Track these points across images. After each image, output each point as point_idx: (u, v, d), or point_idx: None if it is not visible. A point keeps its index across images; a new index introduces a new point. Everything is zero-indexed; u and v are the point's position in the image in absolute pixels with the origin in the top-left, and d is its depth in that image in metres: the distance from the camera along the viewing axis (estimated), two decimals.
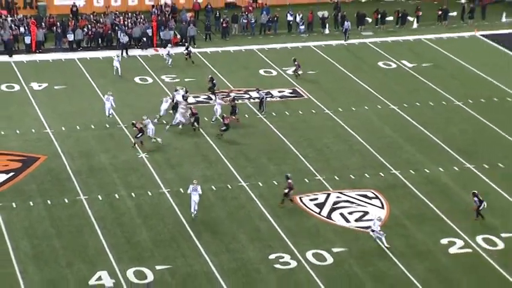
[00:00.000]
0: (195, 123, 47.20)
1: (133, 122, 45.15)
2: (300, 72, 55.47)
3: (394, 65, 58.61)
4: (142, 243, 36.97)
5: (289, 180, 40.04)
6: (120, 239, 37.27)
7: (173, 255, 36.11)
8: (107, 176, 42.59)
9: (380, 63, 58.90)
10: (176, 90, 49.74)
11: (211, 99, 51.06)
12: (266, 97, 50.74)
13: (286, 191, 39.88)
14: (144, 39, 60.17)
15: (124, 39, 58.77)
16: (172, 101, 48.63)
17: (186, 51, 57.92)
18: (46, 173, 42.61)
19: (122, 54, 57.94)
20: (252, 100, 51.54)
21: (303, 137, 47.31)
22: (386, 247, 36.74)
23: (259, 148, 45.89)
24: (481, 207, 38.84)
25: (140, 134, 44.68)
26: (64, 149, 45.16)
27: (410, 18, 65.93)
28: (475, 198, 38.93)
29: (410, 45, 62.51)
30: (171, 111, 48.17)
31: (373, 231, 37.07)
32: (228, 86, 53.66)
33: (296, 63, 55.40)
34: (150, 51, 59.97)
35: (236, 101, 49.47)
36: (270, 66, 57.77)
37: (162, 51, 58.60)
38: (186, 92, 50.02)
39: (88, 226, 38.17)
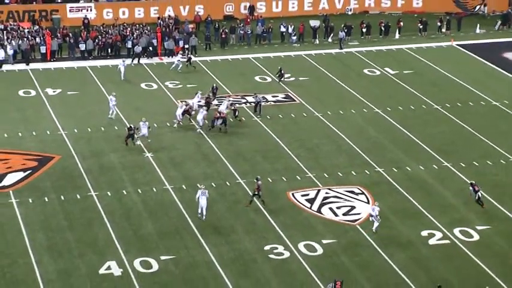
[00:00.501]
0: (224, 125, 46.96)
1: (131, 126, 45.08)
2: (290, 79, 55.28)
3: (378, 72, 58.45)
4: (148, 236, 36.78)
5: (259, 182, 39.34)
6: (127, 231, 37.08)
7: (177, 247, 35.92)
8: (116, 173, 42.37)
9: (365, 71, 58.74)
10: (196, 94, 49.81)
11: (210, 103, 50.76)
12: (262, 101, 50.55)
13: (256, 192, 39.30)
14: (150, 48, 59.97)
15: (138, 49, 58.71)
16: (186, 104, 48.41)
17: (186, 57, 57.75)
18: (60, 171, 42.39)
19: (132, 62, 57.89)
20: (248, 104, 51.33)
21: (295, 138, 47.14)
22: (373, 231, 36.79)
23: (255, 148, 45.71)
24: (476, 198, 39.05)
25: (130, 137, 44.46)
26: (76, 149, 44.93)
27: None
28: (470, 188, 39.30)
29: (393, 54, 62.36)
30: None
31: (371, 215, 37.16)
32: (227, 92, 53.45)
33: (282, 72, 55.25)
34: (155, 60, 59.76)
35: (234, 105, 49.44)
36: (265, 73, 57.59)
37: (173, 58, 58.29)
38: (209, 96, 49.97)
39: (98, 220, 37.98)
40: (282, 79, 55.26)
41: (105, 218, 38.13)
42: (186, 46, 60.40)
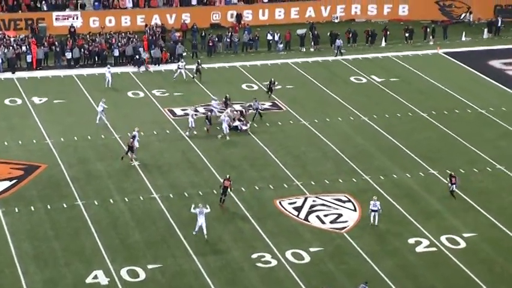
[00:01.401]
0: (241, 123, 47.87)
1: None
2: (277, 87, 55.08)
3: (364, 80, 58.56)
4: (135, 245, 36.64)
5: (225, 181, 39.77)
6: (114, 240, 36.93)
7: (164, 255, 35.80)
8: (103, 182, 42.23)
9: (352, 78, 58.83)
10: (214, 100, 50.31)
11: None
12: (259, 107, 50.42)
13: (222, 191, 39.67)
14: (137, 56, 59.85)
15: (144, 55, 58.91)
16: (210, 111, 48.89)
17: (196, 67, 57.38)
18: (46, 180, 42.21)
19: (146, 68, 58.67)
20: (235, 112, 51.16)
21: (281, 145, 47.13)
22: (375, 225, 37.88)
23: (242, 156, 45.67)
24: (451, 189, 40.45)
25: (130, 149, 44.13)
26: (63, 158, 44.77)
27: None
28: (448, 179, 40.71)
29: (379, 61, 62.49)
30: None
31: (373, 210, 37.90)
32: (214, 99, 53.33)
33: (272, 86, 54.48)
34: (141, 68, 59.64)
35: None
36: (252, 81, 57.59)
37: (160, 67, 58.49)
38: (227, 99, 50.37)
39: (85, 229, 37.81)
40: (271, 93, 54.53)
41: (92, 227, 37.97)
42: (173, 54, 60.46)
